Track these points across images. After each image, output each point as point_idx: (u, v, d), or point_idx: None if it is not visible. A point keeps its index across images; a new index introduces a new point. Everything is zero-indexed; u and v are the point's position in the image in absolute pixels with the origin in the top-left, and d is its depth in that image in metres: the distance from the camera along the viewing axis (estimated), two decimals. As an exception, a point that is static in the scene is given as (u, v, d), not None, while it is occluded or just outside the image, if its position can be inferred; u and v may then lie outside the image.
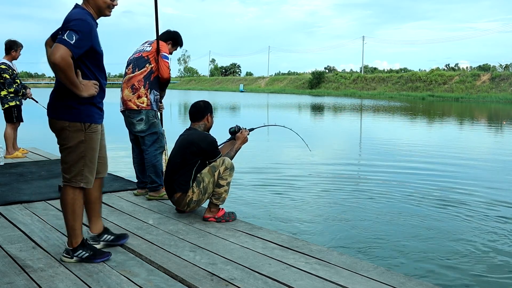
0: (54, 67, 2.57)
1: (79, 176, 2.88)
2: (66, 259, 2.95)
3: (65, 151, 2.87)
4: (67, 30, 2.61)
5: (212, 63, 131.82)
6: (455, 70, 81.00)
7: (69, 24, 2.65)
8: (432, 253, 4.54)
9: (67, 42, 2.57)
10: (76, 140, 2.82)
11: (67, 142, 2.83)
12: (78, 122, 2.80)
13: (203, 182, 3.80)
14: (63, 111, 2.79)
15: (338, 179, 8.00)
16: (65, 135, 2.82)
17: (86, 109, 2.82)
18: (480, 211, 6.01)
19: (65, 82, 2.66)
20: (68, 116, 2.79)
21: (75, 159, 2.85)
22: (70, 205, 2.89)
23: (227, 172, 3.83)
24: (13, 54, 6.92)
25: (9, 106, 6.90)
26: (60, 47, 2.55)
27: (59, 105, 2.80)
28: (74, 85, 2.68)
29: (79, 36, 2.62)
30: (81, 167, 2.87)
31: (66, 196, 2.90)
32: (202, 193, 3.82)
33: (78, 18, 2.69)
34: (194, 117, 4.02)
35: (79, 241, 2.94)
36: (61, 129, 2.82)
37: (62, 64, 2.55)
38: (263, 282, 2.70)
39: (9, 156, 6.93)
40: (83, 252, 2.94)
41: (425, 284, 2.74)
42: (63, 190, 2.93)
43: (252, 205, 6.18)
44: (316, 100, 47.22)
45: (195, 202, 3.86)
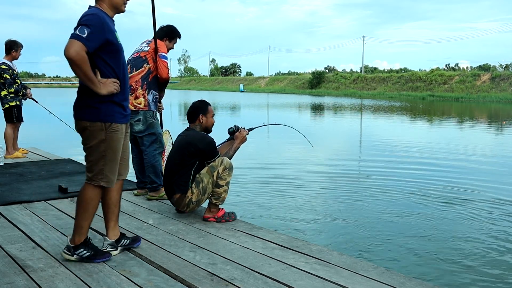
0: (70, 62, 2.59)
1: (99, 175, 2.88)
2: (66, 256, 2.94)
3: (87, 151, 2.89)
4: (78, 26, 2.65)
5: (212, 63, 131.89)
6: (455, 70, 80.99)
7: (81, 20, 2.69)
8: (432, 253, 4.54)
9: (79, 36, 2.60)
10: (97, 140, 2.83)
11: (88, 142, 2.85)
12: (99, 122, 2.80)
13: (202, 182, 3.80)
14: (84, 111, 2.81)
15: (338, 179, 8.00)
16: (86, 135, 2.84)
17: (106, 108, 2.81)
18: (481, 211, 6.01)
19: (82, 78, 2.67)
20: (89, 116, 2.80)
21: (96, 158, 2.86)
22: (86, 203, 2.89)
23: (226, 172, 3.82)
24: (14, 54, 6.92)
25: (9, 106, 6.89)
26: (73, 42, 2.58)
27: (80, 105, 2.83)
28: (91, 81, 2.68)
29: (90, 30, 2.64)
30: (102, 166, 2.87)
31: (84, 193, 2.90)
32: (201, 193, 3.82)
33: (89, 14, 2.74)
34: (189, 118, 4.02)
35: (82, 240, 2.93)
36: (82, 129, 2.85)
37: (76, 58, 2.57)
38: (263, 282, 2.70)
39: (9, 156, 6.93)
40: (84, 251, 2.93)
41: (425, 284, 2.74)
42: (84, 187, 2.93)
43: (252, 205, 6.18)
44: (316, 100, 47.21)
45: (195, 202, 3.86)
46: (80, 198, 2.93)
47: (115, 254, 3.06)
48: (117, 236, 3.12)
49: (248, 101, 41.73)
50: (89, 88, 2.72)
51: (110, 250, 3.06)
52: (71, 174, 5.82)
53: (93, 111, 2.79)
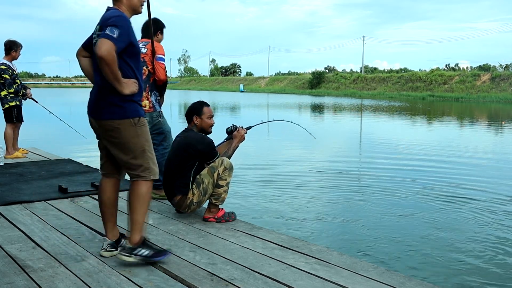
0: (101, 61, 2.60)
1: (147, 170, 2.89)
2: (125, 257, 2.88)
3: (121, 150, 2.87)
4: (107, 26, 2.66)
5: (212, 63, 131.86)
6: (455, 70, 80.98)
7: (108, 21, 2.70)
8: (432, 253, 4.54)
9: (110, 36, 2.62)
10: (130, 136, 2.84)
11: (121, 140, 2.84)
12: (127, 119, 2.82)
13: (203, 183, 3.80)
14: (109, 111, 2.81)
15: (338, 178, 8.00)
16: (117, 134, 2.83)
17: (129, 105, 2.84)
18: (482, 210, 6.01)
19: (109, 77, 2.67)
20: (115, 115, 2.80)
21: (136, 155, 2.86)
22: (143, 198, 2.88)
23: (226, 172, 3.82)
24: (13, 54, 6.92)
25: (9, 106, 6.90)
26: (105, 41, 2.60)
27: (103, 105, 2.82)
28: (118, 80, 2.70)
29: (120, 31, 2.67)
30: (147, 160, 2.89)
31: (138, 190, 2.88)
32: (202, 194, 3.82)
33: (116, 15, 2.76)
34: (186, 119, 4.02)
35: (141, 238, 2.92)
36: (111, 129, 2.83)
37: (109, 57, 2.59)
38: (263, 282, 2.70)
39: (9, 156, 6.93)
40: (143, 250, 2.90)
41: (425, 284, 2.74)
42: (133, 185, 2.91)
43: (252, 205, 6.18)
44: (316, 100, 47.22)
45: (196, 203, 3.86)
46: (134, 196, 2.89)
47: (115, 254, 3.05)
48: (117, 237, 3.10)
49: (248, 101, 41.73)
50: (112, 88, 2.74)
51: (110, 250, 3.05)
52: (71, 174, 5.82)
53: (119, 110, 2.80)
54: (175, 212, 4.12)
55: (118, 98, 2.78)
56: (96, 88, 2.88)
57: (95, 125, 2.93)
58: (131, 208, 2.90)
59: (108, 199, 3.05)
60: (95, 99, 2.87)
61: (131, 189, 2.91)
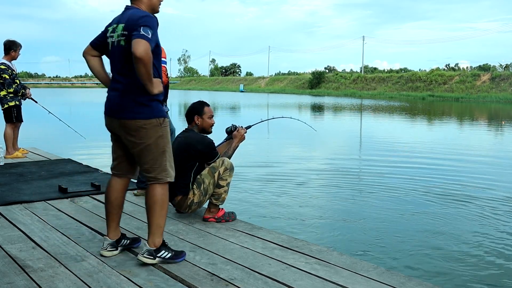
0: (139, 61, 2.58)
1: (164, 172, 2.89)
2: (148, 260, 2.87)
3: (143, 151, 2.86)
4: (140, 26, 2.65)
5: (212, 63, 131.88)
6: (455, 70, 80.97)
7: (140, 21, 2.69)
8: (432, 253, 4.54)
9: (146, 36, 2.62)
10: (155, 137, 2.84)
11: (146, 140, 2.83)
12: (154, 119, 2.82)
13: (204, 183, 3.80)
14: (137, 110, 2.79)
15: (338, 178, 8.00)
16: (143, 133, 2.82)
17: (156, 105, 2.85)
18: (483, 209, 6.01)
19: (144, 77, 2.66)
20: (143, 114, 2.80)
21: (157, 156, 2.86)
22: (161, 202, 2.88)
23: (227, 172, 3.82)
24: (13, 54, 6.92)
25: (8, 106, 6.90)
26: (142, 42, 2.59)
27: (130, 104, 2.80)
28: (150, 80, 2.70)
29: (153, 31, 2.68)
30: (164, 162, 2.89)
31: (155, 194, 2.87)
32: (203, 194, 3.82)
33: (146, 15, 2.75)
34: (187, 119, 4.01)
35: (161, 241, 2.93)
36: (136, 129, 2.81)
37: (146, 58, 2.58)
38: (263, 282, 2.70)
39: (9, 156, 6.93)
40: (166, 253, 2.92)
41: (425, 284, 2.74)
42: (150, 188, 2.90)
43: (252, 205, 6.18)
44: (316, 100, 47.24)
45: (196, 204, 3.86)
46: (152, 200, 2.88)
47: (115, 254, 3.06)
48: (118, 236, 3.10)
49: (248, 101, 41.74)
50: (139, 88, 2.74)
51: (111, 249, 3.05)
52: (71, 174, 5.82)
53: (146, 109, 2.80)
54: (175, 212, 4.11)
55: (146, 98, 2.79)
56: (119, 88, 2.84)
57: (116, 125, 2.89)
58: (151, 213, 2.89)
59: (116, 200, 3.05)
60: (119, 99, 2.84)
61: (149, 194, 2.90)
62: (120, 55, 2.82)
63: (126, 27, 2.77)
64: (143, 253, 2.90)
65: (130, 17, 2.78)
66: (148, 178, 2.91)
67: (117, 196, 3.04)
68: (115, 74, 2.89)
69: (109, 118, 2.93)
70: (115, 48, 2.86)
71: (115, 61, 2.88)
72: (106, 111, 2.93)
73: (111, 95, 2.90)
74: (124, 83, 2.82)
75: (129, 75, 2.77)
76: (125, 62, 2.79)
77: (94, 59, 3.00)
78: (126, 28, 2.77)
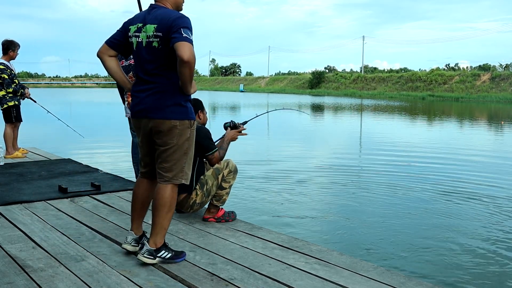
0: (187, 65, 2.59)
1: (181, 173, 2.88)
2: (149, 260, 2.86)
3: (169, 150, 2.84)
4: (180, 28, 2.63)
5: (212, 63, 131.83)
6: (455, 70, 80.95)
7: (178, 22, 2.66)
8: (433, 252, 4.55)
9: (190, 39, 2.62)
10: (184, 138, 2.84)
11: (175, 140, 2.82)
12: (187, 120, 2.83)
13: (207, 184, 3.79)
14: (173, 110, 2.78)
15: (338, 178, 8.00)
16: (174, 134, 2.81)
17: (189, 106, 2.87)
18: (483, 209, 6.01)
19: (187, 79, 2.68)
20: (178, 115, 2.80)
21: (179, 157, 2.86)
22: (169, 203, 2.87)
23: (230, 175, 3.81)
24: (11, 54, 6.91)
25: (8, 106, 6.90)
26: (188, 45, 2.60)
27: (166, 104, 2.78)
28: (191, 81, 2.72)
29: (191, 32, 2.68)
30: (183, 164, 2.88)
31: (165, 194, 2.86)
32: (205, 195, 3.81)
33: (182, 16, 2.74)
34: None
35: (163, 242, 2.92)
36: (169, 129, 2.80)
37: (193, 61, 2.60)
38: (263, 282, 2.70)
39: (9, 156, 6.93)
40: (166, 253, 2.92)
41: (425, 284, 2.74)
42: (161, 188, 2.87)
43: (252, 204, 6.18)
44: (316, 99, 47.24)
45: (199, 204, 3.85)
46: (161, 201, 2.86)
47: (136, 250, 3.02)
48: (140, 233, 3.11)
49: (248, 101, 41.74)
50: (175, 88, 2.76)
51: (135, 245, 3.03)
52: (71, 174, 5.82)
53: (182, 110, 2.81)
54: (175, 212, 4.11)
55: (183, 98, 2.81)
56: (151, 88, 2.79)
57: (146, 126, 2.85)
58: (158, 213, 2.86)
59: (145, 198, 3.05)
60: (153, 100, 2.78)
61: (159, 194, 2.87)
62: (153, 56, 2.76)
63: (160, 28, 2.70)
64: (143, 252, 2.89)
65: (163, 17, 2.71)
66: (164, 177, 2.87)
67: (146, 195, 3.04)
68: (143, 75, 2.82)
69: (138, 120, 2.89)
70: (143, 48, 2.79)
71: (144, 62, 2.81)
72: (136, 113, 2.87)
73: (141, 96, 2.83)
74: (159, 82, 2.78)
75: (164, 75, 2.76)
76: (160, 63, 2.75)
77: (111, 59, 2.91)
78: (161, 29, 2.70)
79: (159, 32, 2.70)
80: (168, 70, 2.76)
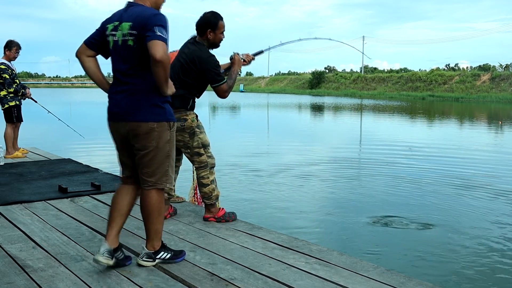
0: (159, 64, 2.49)
1: (164, 177, 2.80)
2: (147, 263, 2.85)
3: (149, 154, 2.73)
4: (154, 26, 2.53)
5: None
6: (455, 70, 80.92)
7: (152, 20, 2.56)
8: (433, 253, 4.54)
9: (163, 37, 2.52)
10: (164, 141, 2.75)
11: (154, 143, 2.71)
12: (165, 122, 2.74)
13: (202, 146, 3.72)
14: (149, 112, 2.68)
15: (338, 177, 8.00)
16: (152, 136, 2.70)
17: (168, 107, 2.78)
18: (485, 208, 6.01)
19: (161, 79, 2.58)
20: (155, 116, 2.70)
21: (161, 160, 2.76)
22: (157, 208, 2.80)
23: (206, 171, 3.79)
24: (7, 53, 6.89)
25: (9, 106, 6.90)
26: (161, 44, 2.50)
27: (143, 106, 2.67)
28: (167, 82, 2.63)
29: (166, 31, 2.57)
30: (166, 167, 2.80)
31: (151, 200, 2.78)
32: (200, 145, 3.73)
33: (158, 13, 2.64)
34: (197, 30, 3.75)
35: (160, 243, 2.89)
36: (147, 131, 2.69)
37: (167, 60, 2.51)
38: (263, 282, 2.70)
39: (9, 156, 6.93)
40: (165, 254, 2.90)
41: (425, 284, 2.74)
42: (146, 194, 2.78)
43: (252, 204, 6.18)
44: (316, 99, 47.24)
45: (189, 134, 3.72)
46: (148, 207, 2.78)
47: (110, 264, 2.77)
48: (116, 245, 2.84)
49: (248, 101, 41.73)
50: (152, 89, 2.66)
51: (107, 257, 2.76)
52: (71, 174, 5.82)
53: (159, 111, 2.71)
54: (175, 212, 4.11)
55: (161, 99, 2.71)
56: (128, 89, 2.69)
57: (124, 130, 2.73)
58: (149, 220, 2.81)
59: (122, 208, 2.85)
60: (129, 101, 2.68)
61: (145, 201, 2.80)
62: (128, 55, 2.67)
63: (134, 26, 2.61)
64: (142, 257, 2.87)
65: (138, 15, 2.61)
66: (147, 182, 2.77)
67: (125, 203, 2.85)
68: (119, 75, 2.72)
69: (115, 123, 2.77)
70: (119, 47, 2.69)
71: (119, 62, 2.72)
72: (112, 116, 2.77)
73: (117, 98, 2.72)
74: (135, 83, 2.68)
75: (140, 75, 2.65)
76: (135, 63, 2.65)
77: (89, 59, 2.82)
78: (135, 27, 2.61)
79: (134, 30, 2.61)
80: (143, 70, 2.65)
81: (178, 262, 2.94)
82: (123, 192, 2.88)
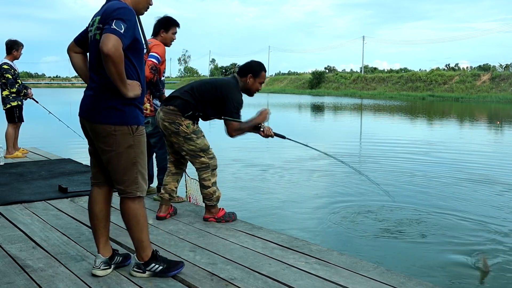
0: (108, 59, 2.33)
1: (134, 185, 2.64)
2: (137, 274, 2.74)
3: (112, 160, 2.61)
4: (113, 20, 2.40)
5: (212, 63, 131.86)
6: (455, 70, 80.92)
7: (114, 13, 2.44)
8: (433, 253, 4.54)
9: (117, 31, 2.36)
10: (125, 146, 2.58)
11: (114, 148, 2.58)
12: (125, 126, 2.56)
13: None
14: (107, 114, 2.54)
15: (338, 177, 8.00)
16: (111, 141, 2.56)
17: (130, 110, 2.58)
18: (483, 208, 6.00)
19: (114, 77, 2.41)
20: (113, 119, 2.54)
21: (126, 167, 2.61)
22: (133, 217, 2.66)
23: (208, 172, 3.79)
24: (15, 54, 6.92)
25: (11, 106, 6.90)
26: (112, 37, 2.34)
27: (101, 107, 2.54)
28: (123, 81, 2.44)
29: (127, 25, 2.42)
30: (135, 175, 2.63)
31: (128, 210, 2.66)
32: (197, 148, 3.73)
33: (122, 7, 2.50)
34: (240, 72, 3.82)
35: (149, 254, 2.73)
36: (106, 135, 2.56)
37: (116, 55, 2.33)
38: (263, 282, 2.70)
39: (9, 156, 6.94)
40: (156, 266, 2.73)
41: (425, 284, 2.74)
42: (121, 202, 2.69)
43: (252, 204, 6.18)
44: (317, 99, 47.23)
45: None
46: (124, 216, 2.69)
47: (109, 273, 2.77)
48: (110, 253, 2.81)
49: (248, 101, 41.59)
50: (112, 89, 2.48)
51: (104, 268, 2.75)
52: (71, 174, 5.82)
53: (118, 114, 2.54)
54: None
55: (119, 101, 2.52)
56: (93, 87, 2.60)
57: (88, 128, 2.66)
58: (129, 229, 2.72)
59: (101, 212, 2.75)
60: (91, 100, 2.59)
61: (122, 210, 2.70)
62: (96, 50, 2.53)
63: (101, 19, 2.52)
64: (133, 266, 2.78)
65: (107, 8, 2.53)
66: (118, 190, 2.68)
67: (101, 208, 2.75)
68: (91, 72, 2.63)
69: (82, 119, 2.68)
70: (92, 43, 2.61)
71: (92, 57, 2.62)
72: (80, 112, 2.68)
73: (85, 95, 2.65)
74: (98, 83, 2.56)
75: (103, 74, 2.48)
76: (100, 59, 2.46)
77: (76, 56, 2.77)
78: (101, 21, 2.51)
79: (100, 23, 2.52)
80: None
81: (170, 276, 2.75)
82: (96, 196, 2.78)
